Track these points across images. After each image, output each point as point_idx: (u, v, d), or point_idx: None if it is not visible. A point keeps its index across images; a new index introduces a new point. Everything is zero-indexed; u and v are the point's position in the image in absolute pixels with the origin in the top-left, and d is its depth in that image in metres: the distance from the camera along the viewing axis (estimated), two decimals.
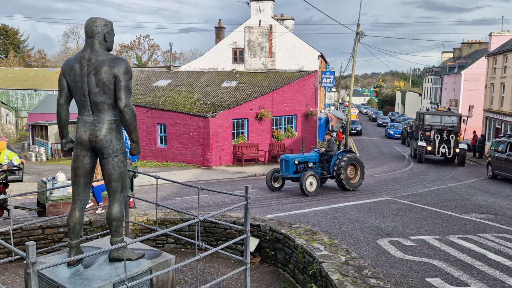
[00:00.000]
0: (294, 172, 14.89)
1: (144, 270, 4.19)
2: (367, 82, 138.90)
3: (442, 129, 26.17)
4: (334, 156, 15.22)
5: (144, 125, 23.92)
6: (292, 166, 14.83)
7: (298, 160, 14.93)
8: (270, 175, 15.27)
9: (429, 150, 26.19)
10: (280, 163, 15.16)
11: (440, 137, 26.12)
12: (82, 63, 4.02)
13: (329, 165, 15.27)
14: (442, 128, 26.20)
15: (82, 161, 4.14)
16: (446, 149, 25.85)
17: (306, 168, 15.10)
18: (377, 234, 9.02)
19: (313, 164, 15.31)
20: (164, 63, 58.84)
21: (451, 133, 25.87)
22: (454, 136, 25.82)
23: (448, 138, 25.95)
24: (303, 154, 15.65)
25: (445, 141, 26.11)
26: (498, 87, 31.91)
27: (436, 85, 54.05)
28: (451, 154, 25.87)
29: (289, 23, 31.73)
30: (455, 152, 25.84)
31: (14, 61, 54.97)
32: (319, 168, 15.49)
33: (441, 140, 26.20)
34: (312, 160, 15.30)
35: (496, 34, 35.81)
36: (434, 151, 26.14)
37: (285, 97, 26.17)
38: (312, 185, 14.12)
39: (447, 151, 25.85)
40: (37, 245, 6.20)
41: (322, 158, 15.36)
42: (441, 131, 26.21)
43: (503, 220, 10.83)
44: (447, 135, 25.96)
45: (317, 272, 4.91)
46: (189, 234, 6.95)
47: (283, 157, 15.12)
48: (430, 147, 26.06)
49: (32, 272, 2.80)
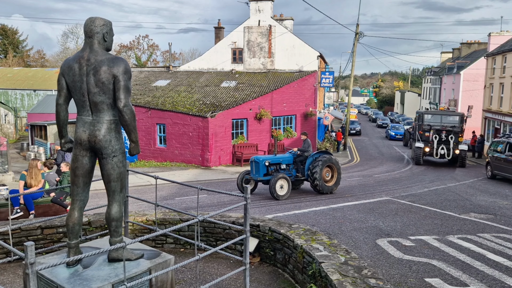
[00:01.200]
0: (264, 175, 13.94)
1: (143, 270, 4.19)
2: (366, 82, 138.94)
3: (441, 129, 24.93)
4: (309, 157, 14.30)
5: (143, 125, 23.91)
6: (263, 168, 13.87)
7: (269, 161, 14.01)
8: (240, 177, 14.24)
9: (427, 151, 24.99)
10: (251, 165, 14.21)
11: (438, 137, 24.89)
12: (81, 63, 4.01)
13: (304, 167, 14.39)
14: (441, 128, 24.96)
15: (81, 161, 4.13)
16: (445, 150, 24.63)
17: (278, 170, 14.18)
18: (377, 234, 9.02)
19: (286, 166, 14.40)
20: (163, 63, 58.81)
21: (450, 134, 24.63)
22: (454, 136, 24.55)
23: (447, 138, 24.72)
24: (275, 155, 14.89)
25: (444, 142, 24.88)
26: (497, 87, 31.93)
27: (435, 85, 54.09)
28: (450, 155, 24.68)
29: (289, 23, 31.74)
30: (455, 153, 24.64)
31: (13, 61, 54.89)
32: (294, 170, 14.62)
33: (440, 141, 24.96)
34: (285, 161, 14.41)
35: (495, 34, 35.82)
36: (432, 152, 24.93)
37: (284, 97, 26.16)
38: (282, 189, 13.30)
39: (446, 153, 24.65)
40: (36, 245, 6.18)
41: (296, 160, 14.50)
42: (440, 131, 24.96)
43: (502, 220, 10.83)
44: (446, 136, 24.72)
45: (317, 272, 4.90)
46: (189, 234, 6.95)
47: (253, 158, 14.20)
48: (428, 148, 24.89)
49: (31, 272, 2.79)
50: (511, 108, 29.03)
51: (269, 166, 14.04)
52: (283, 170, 14.32)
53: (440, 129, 24.91)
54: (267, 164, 13.96)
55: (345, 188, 16.12)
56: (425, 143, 25.09)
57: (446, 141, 24.75)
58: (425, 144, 25.12)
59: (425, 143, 25.09)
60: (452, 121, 25.30)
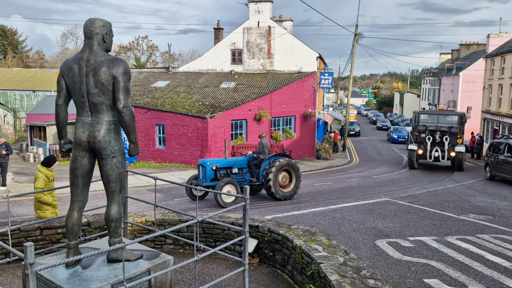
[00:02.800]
0: (212, 180, 12.70)
1: (142, 271, 4.19)
2: (366, 83, 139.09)
3: (435, 130, 23.16)
4: (265, 160, 13.13)
5: (142, 126, 23.91)
6: (210, 172, 12.64)
7: (216, 165, 12.78)
8: (189, 183, 13.20)
9: (420, 154, 23.35)
10: (198, 169, 13.01)
11: (432, 139, 23.13)
12: (81, 64, 4.02)
13: (259, 171, 13.29)
14: (435, 128, 23.19)
15: (80, 162, 4.14)
16: (439, 152, 22.87)
17: (229, 174, 13.11)
18: (376, 235, 9.03)
19: (238, 170, 13.34)
20: (162, 64, 58.82)
21: (445, 134, 22.85)
22: (450, 137, 22.81)
23: (441, 140, 22.94)
24: (225, 158, 13.87)
25: (439, 144, 23.10)
26: (496, 88, 31.98)
27: (434, 86, 54.16)
28: (445, 158, 22.91)
29: (288, 24, 31.77)
30: (450, 156, 22.89)
31: (12, 62, 54.88)
32: (248, 175, 13.56)
33: (433, 142, 23.20)
34: (237, 165, 13.32)
35: (494, 35, 35.89)
36: (426, 154, 23.22)
37: (283, 98, 26.18)
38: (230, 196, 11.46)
39: (441, 155, 22.88)
40: (35, 246, 6.19)
41: (250, 163, 13.44)
42: (434, 132, 23.20)
43: (501, 221, 10.85)
44: (441, 137, 22.96)
45: (316, 273, 4.91)
46: (188, 235, 6.95)
47: (200, 162, 13.06)
48: (421, 150, 23.24)
49: (30, 273, 2.79)
50: (510, 109, 29.07)
51: (217, 170, 12.86)
52: (235, 175, 13.29)
53: (434, 129, 23.19)
54: (215, 168, 12.76)
55: (344, 189, 16.14)
56: (419, 145, 23.59)
57: (440, 142, 23.09)
58: (419, 146, 23.58)
59: (419, 145, 23.59)
60: (450, 121, 23.66)
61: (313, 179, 19.41)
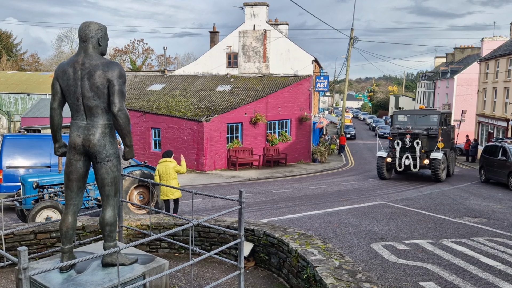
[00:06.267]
0: (35, 201, 9.41)
1: (137, 275, 4.17)
2: (361, 86, 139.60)
3: (405, 133, 19.20)
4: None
5: (138, 129, 23.85)
6: (30, 191, 9.36)
7: (37, 182, 9.36)
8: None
9: (389, 162, 19.68)
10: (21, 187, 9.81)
11: (401, 144, 19.21)
12: (76, 67, 4.01)
13: None
14: (405, 131, 19.25)
15: (75, 165, 4.12)
16: (410, 160, 19.06)
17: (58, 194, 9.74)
18: (371, 238, 9.04)
19: None
20: (158, 67, 58.77)
21: (416, 138, 18.96)
22: (423, 141, 19.05)
23: (412, 144, 19.06)
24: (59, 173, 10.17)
25: (409, 149, 19.17)
26: (490, 92, 32.20)
27: (429, 89, 54.48)
28: (417, 167, 19.13)
29: (283, 28, 31.87)
30: (423, 164, 19.03)
31: (7, 65, 54.61)
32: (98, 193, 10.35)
33: (403, 148, 19.24)
34: None
35: (488, 39, 36.18)
36: (395, 163, 19.49)
37: (279, 101, 26.21)
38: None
39: (412, 163, 19.08)
40: (29, 250, 6.14)
41: None
42: (403, 135, 19.25)
43: (496, 224, 10.89)
44: (411, 141, 19.04)
45: (311, 277, 4.91)
46: (183, 238, 6.93)
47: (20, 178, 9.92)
48: (390, 158, 19.61)
49: (24, 277, 2.77)
50: (504, 113, 29.27)
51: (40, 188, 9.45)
52: None
53: (404, 132, 19.28)
54: (35, 186, 9.35)
55: (339, 192, 16.16)
56: (389, 152, 19.98)
57: (411, 147, 19.15)
58: (389, 152, 19.95)
59: (389, 152, 19.98)
60: (429, 122, 20.06)
61: (308, 182, 19.42)
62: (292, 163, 26.71)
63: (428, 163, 19.03)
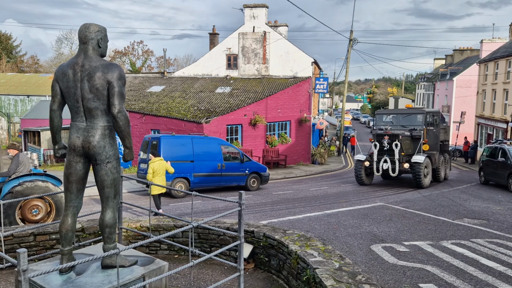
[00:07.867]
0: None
1: (137, 277, 4.17)
2: (361, 88, 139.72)
3: (383, 134, 17.91)
4: (13, 180, 8.90)
5: (137, 131, 23.83)
6: None
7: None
8: None
9: (367, 166, 18.37)
10: None
11: (379, 146, 17.92)
12: (76, 69, 4.01)
13: None
14: (383, 132, 18.05)
15: (75, 167, 4.12)
16: (389, 163, 17.58)
17: None
18: (371, 240, 9.03)
19: None
20: (158, 69, 58.82)
21: (395, 140, 17.49)
22: (400, 143, 17.47)
23: (390, 147, 17.62)
24: None
25: (387, 152, 17.75)
26: (489, 93, 32.24)
27: (429, 91, 54.53)
28: (396, 171, 17.58)
29: (283, 30, 31.91)
30: (403, 168, 17.52)
31: (6, 67, 54.63)
32: None
33: (381, 150, 17.90)
34: None
35: (487, 41, 36.25)
36: (373, 166, 18.13)
37: (279, 103, 26.22)
38: None
39: (391, 167, 17.59)
40: (29, 252, 6.13)
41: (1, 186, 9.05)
42: (381, 136, 17.94)
43: (495, 226, 10.89)
44: (389, 143, 17.61)
45: (311, 278, 4.90)
46: (183, 240, 6.92)
47: None
48: (368, 162, 18.35)
49: (23, 279, 2.77)
50: (503, 114, 29.30)
51: None
52: None
53: (383, 133, 18.00)
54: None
55: (339, 194, 16.15)
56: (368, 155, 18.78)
57: (390, 150, 17.73)
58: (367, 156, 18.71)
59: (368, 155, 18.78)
60: (414, 122, 18.60)
61: (308, 184, 19.41)
62: (291, 165, 26.71)
63: (408, 167, 17.52)
